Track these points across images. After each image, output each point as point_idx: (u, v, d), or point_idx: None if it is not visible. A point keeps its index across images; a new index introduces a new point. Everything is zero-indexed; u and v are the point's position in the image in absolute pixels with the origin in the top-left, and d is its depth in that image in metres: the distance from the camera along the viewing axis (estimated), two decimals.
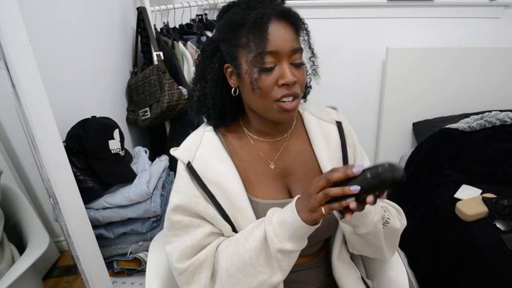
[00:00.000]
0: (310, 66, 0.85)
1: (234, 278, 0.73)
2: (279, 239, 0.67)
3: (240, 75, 0.75)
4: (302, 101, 0.92)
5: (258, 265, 0.70)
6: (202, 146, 0.82)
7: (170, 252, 0.79)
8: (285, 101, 0.74)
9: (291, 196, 0.83)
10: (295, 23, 0.75)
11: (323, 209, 0.63)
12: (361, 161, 0.90)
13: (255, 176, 0.83)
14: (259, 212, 0.79)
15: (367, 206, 0.63)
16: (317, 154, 0.85)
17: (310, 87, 0.91)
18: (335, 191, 0.61)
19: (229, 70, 0.79)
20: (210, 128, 0.86)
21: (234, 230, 0.80)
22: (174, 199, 0.80)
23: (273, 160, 0.85)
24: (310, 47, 0.82)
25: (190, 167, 0.79)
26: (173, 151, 0.84)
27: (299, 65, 0.75)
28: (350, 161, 0.87)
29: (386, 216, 0.81)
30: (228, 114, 0.84)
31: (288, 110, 0.75)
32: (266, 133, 0.85)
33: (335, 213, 0.76)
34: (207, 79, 0.82)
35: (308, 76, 0.87)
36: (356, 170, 0.60)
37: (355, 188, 0.59)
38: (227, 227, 0.79)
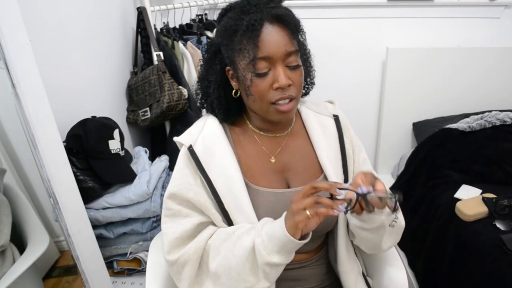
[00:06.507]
0: (307, 67, 0.85)
1: (220, 280, 0.75)
2: (267, 252, 0.69)
3: (239, 78, 0.77)
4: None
5: (243, 273, 0.72)
6: (204, 131, 0.84)
7: (163, 243, 0.81)
8: (281, 103, 0.75)
9: (289, 188, 0.84)
10: (290, 25, 0.74)
11: (308, 211, 0.65)
12: (358, 152, 0.91)
13: (256, 166, 0.84)
14: (258, 199, 0.80)
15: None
16: (315, 148, 0.87)
17: (313, 83, 0.91)
18: (324, 200, 0.65)
19: (230, 72, 0.80)
20: (213, 116, 0.87)
21: (228, 218, 0.80)
22: (170, 186, 0.83)
23: (274, 154, 0.86)
24: (306, 48, 0.83)
25: (191, 151, 0.81)
26: (176, 138, 0.86)
27: (294, 68, 0.75)
28: (348, 152, 0.89)
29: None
30: (232, 113, 0.86)
31: (284, 112, 0.76)
32: (267, 129, 0.87)
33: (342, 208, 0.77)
34: (210, 80, 0.84)
35: (312, 72, 0.88)
36: (340, 196, 0.66)
37: (341, 195, 0.66)
38: (216, 216, 0.80)
